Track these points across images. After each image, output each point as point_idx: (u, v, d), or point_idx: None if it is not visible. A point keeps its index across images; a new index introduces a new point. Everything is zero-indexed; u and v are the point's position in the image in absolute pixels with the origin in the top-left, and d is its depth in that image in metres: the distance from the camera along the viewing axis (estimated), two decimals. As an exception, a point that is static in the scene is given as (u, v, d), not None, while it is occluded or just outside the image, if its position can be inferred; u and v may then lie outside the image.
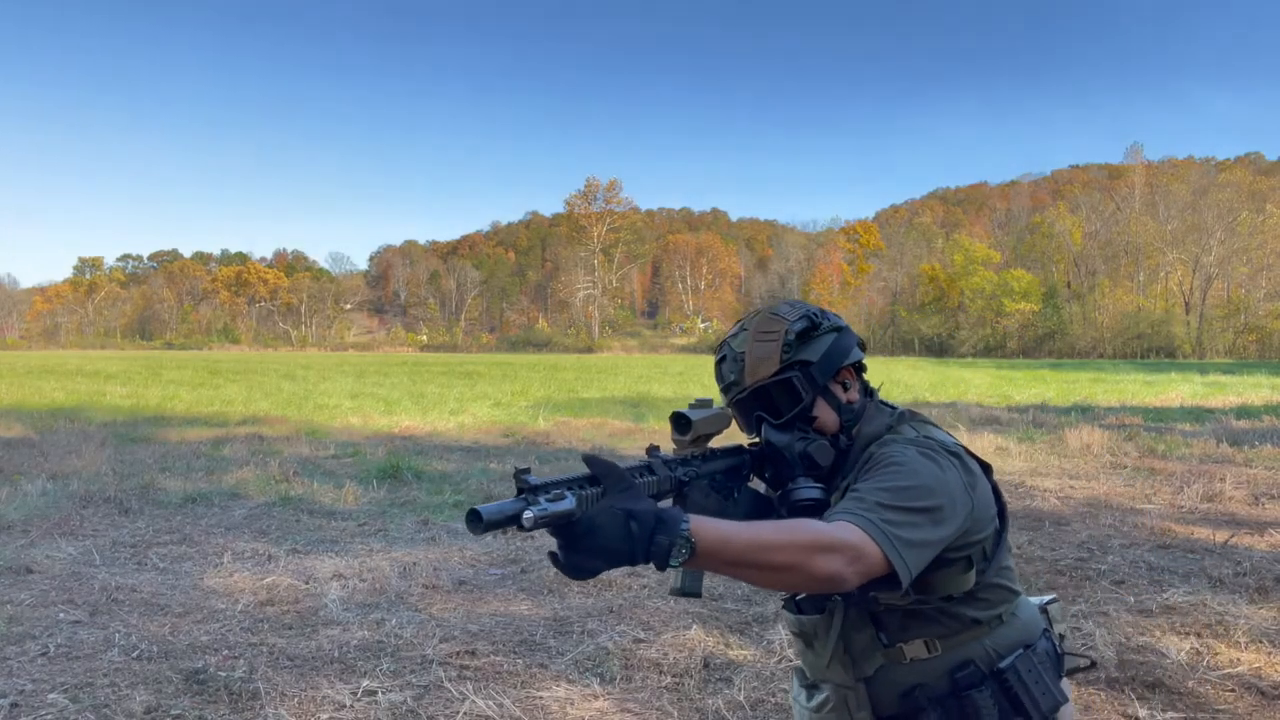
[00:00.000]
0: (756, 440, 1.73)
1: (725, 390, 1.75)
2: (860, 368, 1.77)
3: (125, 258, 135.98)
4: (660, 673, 3.97)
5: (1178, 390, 22.52)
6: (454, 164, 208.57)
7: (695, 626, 4.51)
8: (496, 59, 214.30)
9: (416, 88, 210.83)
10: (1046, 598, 1.83)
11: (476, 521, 1.16)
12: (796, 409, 1.67)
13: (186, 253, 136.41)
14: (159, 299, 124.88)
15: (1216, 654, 4.02)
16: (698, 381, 28.93)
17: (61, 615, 4.70)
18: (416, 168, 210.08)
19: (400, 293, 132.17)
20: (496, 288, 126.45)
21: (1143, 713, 3.44)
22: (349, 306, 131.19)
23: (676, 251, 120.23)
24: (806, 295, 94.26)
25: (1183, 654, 4.01)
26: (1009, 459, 10.33)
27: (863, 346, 1.76)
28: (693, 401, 1.64)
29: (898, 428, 1.68)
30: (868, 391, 1.77)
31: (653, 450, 1.55)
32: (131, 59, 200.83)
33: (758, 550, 1.25)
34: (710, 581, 5.13)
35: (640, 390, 24.32)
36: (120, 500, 7.71)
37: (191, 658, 4.10)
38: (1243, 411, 16.19)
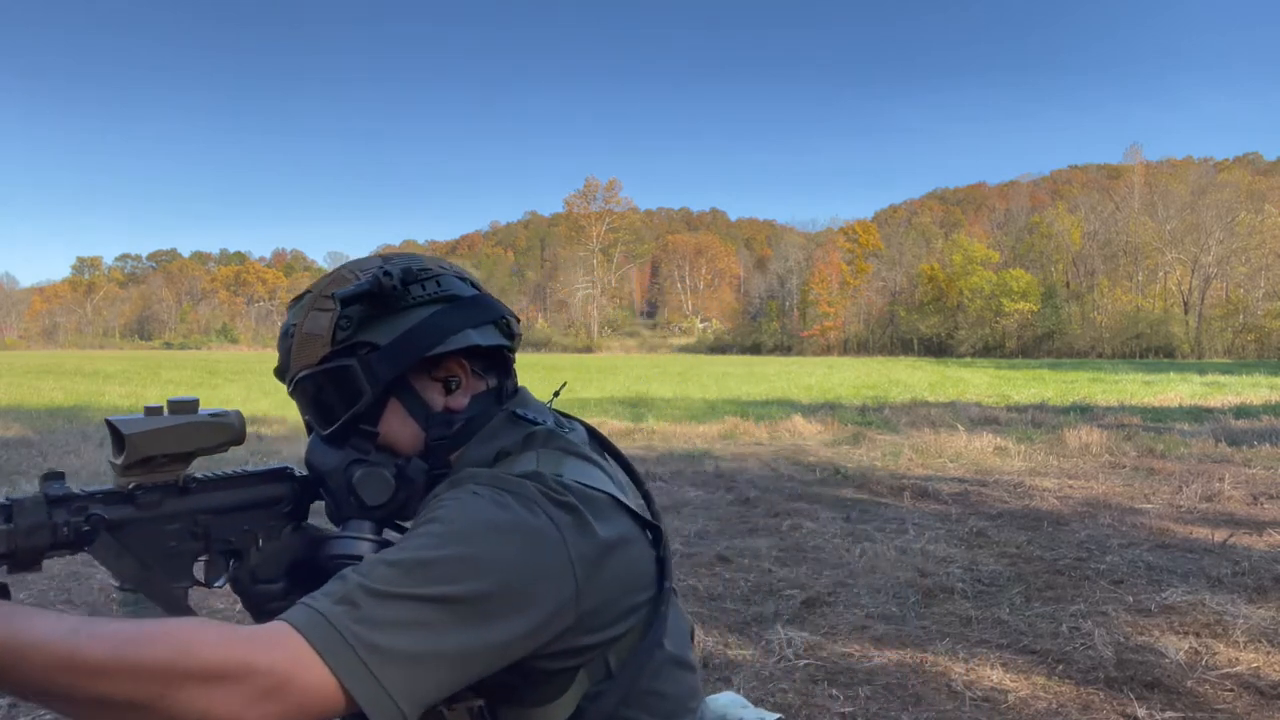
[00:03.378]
0: None
1: (282, 379, 1.18)
2: (499, 360, 1.18)
3: (124, 257, 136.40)
4: (659, 672, 3.96)
5: (1176, 390, 22.53)
6: (453, 164, 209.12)
7: (694, 626, 4.50)
8: (496, 58, 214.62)
9: (416, 87, 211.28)
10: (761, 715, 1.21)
11: None
12: (347, 414, 1.10)
13: (185, 252, 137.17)
14: (157, 299, 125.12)
15: (1215, 653, 4.03)
16: (696, 382, 28.97)
17: (60, 615, 4.69)
18: (416, 167, 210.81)
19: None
20: (495, 287, 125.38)
21: (1141, 712, 3.45)
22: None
23: (675, 251, 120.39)
24: (806, 295, 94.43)
25: (1181, 654, 4.01)
26: (1008, 459, 10.35)
27: (507, 329, 1.17)
28: (150, 405, 1.03)
29: (518, 455, 1.07)
30: (501, 397, 1.16)
31: (52, 478, 1.01)
32: (130, 58, 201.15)
33: (75, 674, 0.71)
34: (709, 581, 5.10)
35: (639, 390, 24.31)
36: (119, 500, 7.70)
37: (190, 657, 4.09)
38: (1241, 411, 16.21)
